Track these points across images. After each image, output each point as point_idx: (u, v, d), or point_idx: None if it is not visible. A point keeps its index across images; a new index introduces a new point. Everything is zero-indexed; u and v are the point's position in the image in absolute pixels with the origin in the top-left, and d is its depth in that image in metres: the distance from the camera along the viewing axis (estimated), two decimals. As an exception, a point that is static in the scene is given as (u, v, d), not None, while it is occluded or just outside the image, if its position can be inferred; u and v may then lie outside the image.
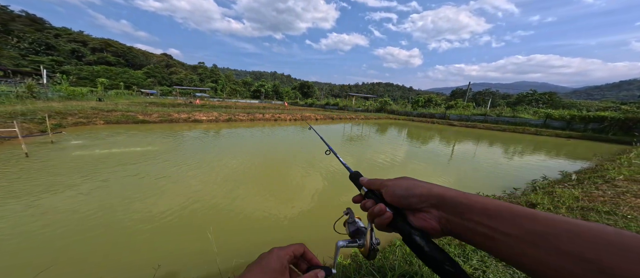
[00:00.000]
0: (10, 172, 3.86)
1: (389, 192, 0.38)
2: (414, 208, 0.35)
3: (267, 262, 0.33)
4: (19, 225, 2.47)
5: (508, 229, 0.25)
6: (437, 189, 0.33)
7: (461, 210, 0.30)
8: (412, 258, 1.73)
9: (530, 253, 0.23)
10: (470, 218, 0.29)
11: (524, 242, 0.24)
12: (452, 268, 0.29)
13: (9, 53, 48.39)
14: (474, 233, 0.28)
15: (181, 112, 12.81)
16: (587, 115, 16.97)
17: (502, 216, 0.26)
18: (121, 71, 56.61)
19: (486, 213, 0.27)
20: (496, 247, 0.26)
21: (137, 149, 5.79)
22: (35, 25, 69.71)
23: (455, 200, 0.31)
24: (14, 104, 9.85)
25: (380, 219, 0.37)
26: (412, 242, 0.33)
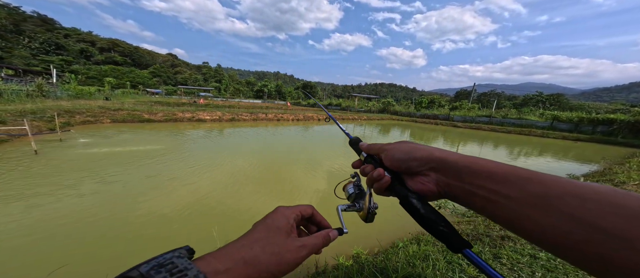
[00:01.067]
0: (20, 170, 3.97)
1: (389, 156, 0.38)
2: (412, 172, 0.35)
3: (272, 220, 0.31)
4: (27, 223, 2.53)
5: (511, 192, 0.24)
6: (438, 153, 0.33)
7: (463, 174, 0.29)
8: (415, 260, 1.72)
9: (532, 216, 0.22)
10: (472, 182, 0.28)
11: (526, 204, 0.23)
12: (445, 229, 0.30)
13: (20, 53, 49.72)
14: (473, 197, 0.28)
15: (185, 112, 12.97)
16: (595, 118, 16.61)
17: (506, 179, 0.25)
18: (128, 71, 57.62)
19: (491, 177, 0.27)
20: (497, 210, 0.26)
21: (141, 148, 5.88)
22: (45, 26, 71.48)
23: (458, 164, 0.30)
24: (24, 103, 10.11)
25: (379, 184, 0.37)
26: (409, 204, 0.33)
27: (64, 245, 2.22)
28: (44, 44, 57.14)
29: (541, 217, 0.22)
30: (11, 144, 5.44)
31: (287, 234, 0.30)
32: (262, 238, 0.28)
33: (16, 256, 2.06)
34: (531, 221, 0.22)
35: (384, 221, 3.03)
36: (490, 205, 0.26)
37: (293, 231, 0.32)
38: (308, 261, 2.12)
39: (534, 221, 0.22)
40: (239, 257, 0.25)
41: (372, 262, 1.85)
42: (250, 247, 0.27)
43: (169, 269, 0.21)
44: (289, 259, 0.28)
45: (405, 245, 2.10)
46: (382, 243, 2.29)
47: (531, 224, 0.22)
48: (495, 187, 0.26)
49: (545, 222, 0.21)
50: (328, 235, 0.34)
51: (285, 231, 0.30)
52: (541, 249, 1.93)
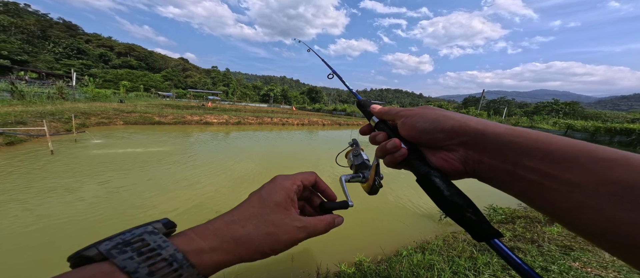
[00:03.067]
0: (35, 169, 4.16)
1: (408, 125, 0.31)
2: (436, 146, 0.29)
3: (269, 192, 0.27)
4: (42, 218, 2.64)
5: (580, 177, 0.19)
6: (475, 124, 0.27)
7: (508, 152, 0.23)
8: (419, 270, 1.68)
9: (608, 209, 0.17)
10: (517, 162, 0.22)
11: (600, 194, 0.18)
12: (474, 216, 0.26)
13: (45, 57, 52.89)
14: (517, 180, 0.23)
15: (194, 115, 13.32)
16: (613, 127, 15.89)
17: (576, 162, 0.20)
18: (142, 74, 60.06)
19: (548, 157, 0.21)
20: (550, 197, 0.20)
21: (151, 150, 6.06)
22: (69, 31, 75.99)
23: (502, 138, 0.24)
24: (45, 104, 10.68)
25: (392, 156, 0.32)
26: (430, 183, 0.28)
27: (68, 244, 2.29)
28: (66, 48, 60.67)
29: (626, 211, 0.17)
30: (30, 143, 5.72)
31: (286, 209, 0.27)
32: (256, 215, 0.25)
33: (28, 253, 2.14)
34: (603, 215, 0.18)
35: (387, 229, 2.97)
36: (540, 191, 0.21)
37: (293, 205, 0.28)
38: (309, 266, 2.10)
39: (607, 215, 0.18)
40: (228, 235, 0.22)
41: (375, 271, 1.81)
42: (242, 224, 0.24)
43: (137, 248, 0.18)
44: (285, 240, 0.25)
45: (410, 254, 2.04)
46: (385, 251, 2.24)
47: (602, 219, 0.18)
48: (554, 170, 0.20)
49: (628, 217, 0.17)
50: (333, 222, 0.31)
51: (283, 206, 0.26)
52: (553, 261, 1.85)
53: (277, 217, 0.25)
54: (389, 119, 0.36)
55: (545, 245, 1.97)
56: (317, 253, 2.30)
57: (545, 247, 1.96)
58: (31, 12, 72.78)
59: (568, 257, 1.75)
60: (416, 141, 0.31)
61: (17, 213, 2.65)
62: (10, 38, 47.11)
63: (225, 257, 0.21)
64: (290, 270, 2.07)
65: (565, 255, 1.80)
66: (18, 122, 6.45)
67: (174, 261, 0.18)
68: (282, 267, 2.09)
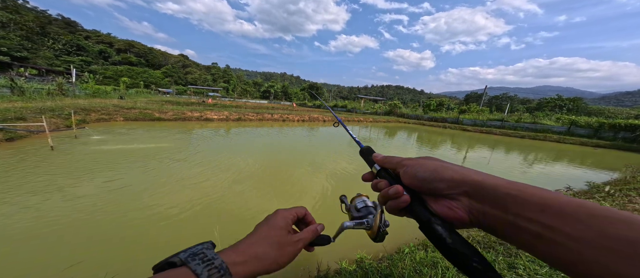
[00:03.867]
0: (34, 164, 4.14)
1: (409, 173, 0.33)
2: (438, 195, 0.30)
3: (274, 221, 0.36)
4: (40, 217, 2.62)
5: (578, 232, 0.20)
6: (474, 175, 0.28)
7: (507, 203, 0.25)
8: (422, 268, 1.64)
9: (609, 263, 0.18)
10: (518, 214, 0.24)
11: (600, 248, 0.19)
12: (480, 266, 0.25)
13: (45, 54, 52.68)
14: (520, 231, 0.24)
15: (194, 111, 13.26)
16: (617, 123, 15.70)
17: (571, 214, 0.21)
18: (142, 71, 59.84)
19: (545, 211, 0.22)
20: (552, 251, 0.21)
21: (151, 146, 6.03)
22: (69, 28, 75.48)
23: (500, 191, 0.25)
24: (45, 101, 10.65)
25: (395, 202, 0.33)
26: (432, 231, 0.28)
27: (71, 243, 2.27)
28: (66, 45, 60.37)
29: (624, 265, 0.18)
30: (30, 140, 5.71)
31: (288, 232, 0.36)
32: (267, 237, 0.33)
33: (30, 251, 2.12)
34: (605, 269, 0.18)
35: (389, 222, 2.93)
36: (542, 243, 0.22)
37: (290, 230, 0.37)
38: (310, 264, 2.07)
39: (609, 269, 0.18)
40: (252, 252, 0.31)
41: (376, 268, 1.77)
42: (259, 244, 0.32)
43: (201, 257, 0.26)
44: (289, 251, 0.34)
45: (412, 251, 2.00)
46: (387, 248, 2.21)
47: (604, 272, 0.19)
48: (553, 222, 0.22)
49: (630, 272, 0.17)
50: (316, 229, 0.39)
51: (285, 230, 0.35)
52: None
53: (283, 237, 0.34)
54: (390, 167, 0.38)
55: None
56: (317, 251, 2.27)
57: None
58: (30, 9, 72.19)
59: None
60: (418, 189, 0.32)
61: (13, 211, 2.63)
62: (10, 34, 46.88)
63: (251, 269, 0.29)
64: (291, 268, 2.04)
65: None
66: (18, 118, 6.43)
67: (221, 268, 0.26)
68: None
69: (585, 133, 16.96)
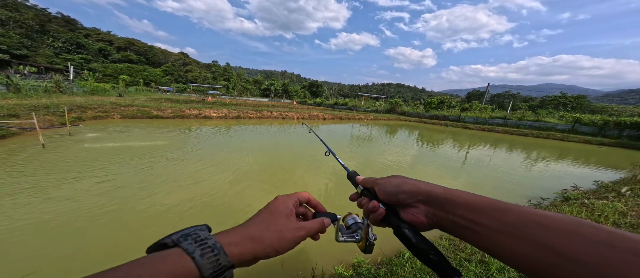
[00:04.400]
0: (22, 162, 4.02)
1: (381, 189, 0.40)
2: (403, 204, 0.37)
3: (274, 206, 0.36)
4: (28, 215, 2.50)
5: (488, 222, 0.27)
6: (424, 186, 0.36)
7: (446, 205, 0.32)
8: (423, 276, 1.50)
9: (507, 244, 0.25)
10: (454, 213, 0.31)
11: (501, 233, 0.25)
12: (435, 257, 0.32)
13: (44, 51, 52.60)
14: (458, 226, 0.30)
15: (192, 109, 13.13)
16: (622, 121, 15.43)
17: (482, 210, 0.28)
18: (141, 69, 59.66)
19: (469, 208, 0.29)
20: (478, 238, 0.28)
21: (147, 143, 5.91)
22: (68, 26, 75.23)
23: (441, 196, 0.33)
24: (41, 98, 10.54)
25: (374, 215, 0.39)
26: (402, 234, 0.35)
27: (58, 244, 2.15)
28: (66, 43, 60.18)
29: (515, 244, 0.24)
30: (23, 136, 5.59)
31: (287, 217, 0.35)
32: (265, 220, 0.33)
33: (14, 252, 2.00)
34: (507, 249, 0.25)
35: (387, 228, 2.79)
36: (471, 234, 0.29)
37: (292, 215, 0.36)
38: (304, 270, 1.94)
39: (509, 249, 0.24)
40: (247, 234, 0.30)
41: (374, 275, 1.64)
42: (255, 226, 0.32)
43: (194, 238, 0.26)
44: (289, 237, 0.33)
45: (412, 257, 1.86)
46: (385, 252, 2.07)
47: (507, 252, 0.25)
48: (474, 217, 0.28)
49: (519, 250, 0.23)
50: (323, 222, 0.39)
51: (285, 214, 0.35)
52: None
53: (281, 221, 0.34)
54: (369, 186, 0.44)
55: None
56: (313, 254, 2.14)
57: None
58: (29, 6, 71.92)
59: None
60: (389, 201, 0.39)
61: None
62: (9, 32, 46.76)
63: (245, 249, 0.28)
64: (284, 272, 1.91)
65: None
66: (10, 115, 6.31)
67: (215, 248, 0.26)
68: (275, 269, 1.93)
69: (590, 131, 16.71)
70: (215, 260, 0.25)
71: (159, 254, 0.24)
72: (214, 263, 0.25)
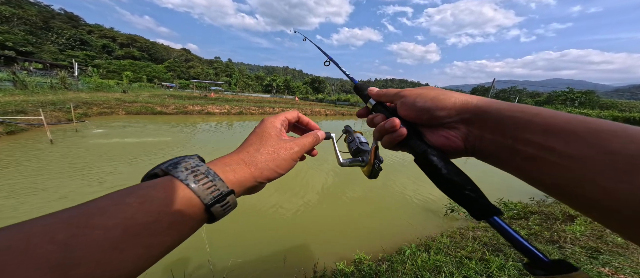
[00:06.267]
0: (33, 158, 4.12)
1: (408, 104, 0.32)
2: (436, 124, 0.30)
3: (261, 128, 0.33)
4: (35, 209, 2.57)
5: (577, 150, 0.19)
6: (476, 100, 0.28)
7: (508, 126, 0.24)
8: (424, 273, 1.51)
9: (605, 181, 0.17)
10: (516, 136, 0.23)
11: (597, 165, 0.18)
12: (473, 193, 0.26)
13: (49, 48, 53.11)
14: (515, 154, 0.23)
15: (195, 105, 13.21)
16: (632, 117, 15.07)
17: (573, 132, 0.20)
18: (145, 65, 59.91)
19: (549, 131, 0.21)
20: (547, 171, 0.21)
21: (151, 140, 5.98)
22: (71, 22, 75.66)
23: (503, 114, 0.25)
24: (47, 94, 10.70)
25: (391, 136, 0.32)
26: (428, 162, 0.28)
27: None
28: (70, 39, 60.60)
29: (619, 182, 0.17)
30: (31, 132, 5.71)
31: (277, 136, 0.32)
32: (255, 143, 0.31)
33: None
34: (598, 186, 0.18)
35: (389, 224, 2.81)
36: (537, 165, 0.21)
37: (282, 134, 0.34)
38: (306, 266, 1.97)
39: (603, 187, 0.18)
40: (239, 159, 0.28)
41: (375, 271, 1.66)
42: (246, 151, 0.30)
43: (184, 166, 0.24)
44: (284, 155, 0.31)
45: (413, 253, 1.88)
46: (386, 248, 2.09)
47: (597, 191, 0.18)
48: (552, 142, 0.21)
49: (624, 188, 0.17)
50: (317, 135, 0.36)
51: (275, 135, 0.32)
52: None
53: (273, 141, 0.31)
54: (387, 100, 0.36)
55: (568, 247, 1.77)
56: (315, 250, 2.17)
57: (568, 248, 1.76)
58: (33, 3, 72.31)
59: (596, 262, 1.55)
60: (416, 120, 0.31)
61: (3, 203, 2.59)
62: (14, 29, 47.20)
63: (242, 174, 0.27)
64: (286, 267, 1.95)
65: (592, 258, 1.59)
66: (18, 111, 6.44)
67: (209, 174, 0.24)
68: (278, 265, 1.97)
69: (597, 127, 16.37)
70: (213, 186, 0.23)
71: (149, 182, 0.22)
72: (212, 189, 0.23)
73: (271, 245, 2.20)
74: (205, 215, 0.23)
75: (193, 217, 0.22)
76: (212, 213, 0.23)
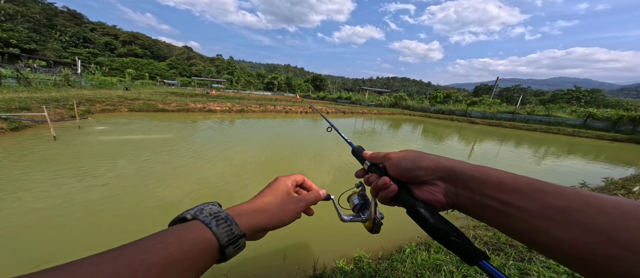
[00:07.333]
0: (39, 155, 4.16)
1: (394, 165, 0.37)
2: (419, 182, 0.34)
3: (275, 185, 0.38)
4: (40, 207, 2.60)
5: (525, 204, 0.23)
6: (446, 162, 0.32)
7: (472, 184, 0.28)
8: (424, 271, 1.51)
9: (547, 229, 0.21)
10: (481, 192, 0.27)
11: (542, 217, 0.22)
12: (458, 239, 0.28)
13: (53, 45, 53.43)
14: (484, 208, 0.27)
15: (197, 102, 13.24)
16: (637, 116, 14.81)
17: (520, 190, 0.24)
18: (147, 63, 60.10)
19: (501, 188, 0.26)
20: (509, 223, 0.25)
21: (153, 137, 6.02)
22: (74, 20, 75.97)
23: (466, 174, 0.29)
24: (50, 91, 10.79)
25: (384, 192, 0.37)
26: (417, 213, 0.32)
27: (67, 230, 2.24)
28: (73, 37, 60.90)
29: (559, 230, 0.21)
30: (35, 129, 5.77)
31: (287, 193, 0.38)
32: (268, 195, 0.36)
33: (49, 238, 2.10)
34: (547, 235, 0.21)
35: (388, 220, 2.80)
36: (501, 217, 0.25)
37: (291, 193, 0.40)
38: (306, 264, 1.98)
39: (550, 235, 0.21)
40: (255, 207, 0.33)
41: (374, 269, 1.66)
42: (261, 201, 0.35)
43: (208, 211, 0.29)
44: (291, 208, 0.36)
45: (413, 251, 1.88)
46: (386, 247, 2.09)
47: (547, 238, 0.21)
48: (507, 198, 0.25)
49: (564, 236, 0.20)
50: (318, 193, 0.42)
51: (286, 191, 0.38)
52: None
53: (284, 196, 0.37)
54: (378, 161, 0.42)
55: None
56: (315, 248, 2.18)
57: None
58: (36, 1, 72.59)
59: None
60: (402, 178, 0.36)
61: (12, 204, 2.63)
62: (18, 27, 47.51)
63: (254, 221, 0.31)
64: (286, 265, 1.96)
65: None
66: (22, 108, 6.50)
67: (227, 219, 0.28)
68: (277, 263, 1.98)
69: (602, 126, 16.13)
70: (229, 230, 0.27)
71: (182, 225, 0.27)
72: (229, 232, 0.27)
73: (271, 243, 2.21)
74: (219, 255, 0.27)
75: (210, 255, 0.26)
76: (225, 254, 0.27)
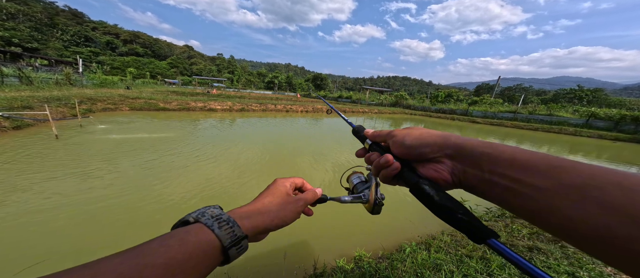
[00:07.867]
0: (42, 153, 4.18)
1: (398, 142, 0.35)
2: (424, 159, 0.33)
3: (274, 187, 0.39)
4: (41, 207, 2.62)
5: (540, 182, 0.22)
6: (454, 138, 0.31)
7: (482, 161, 0.27)
8: (424, 271, 1.51)
9: (564, 208, 0.20)
10: (491, 170, 0.26)
11: (557, 196, 0.21)
12: (465, 216, 0.27)
13: (54, 44, 53.59)
14: (493, 186, 0.26)
15: (198, 101, 13.26)
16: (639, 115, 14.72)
17: (535, 167, 0.23)
18: (148, 61, 60.18)
19: (514, 165, 0.24)
20: (520, 201, 0.23)
21: (154, 136, 6.04)
22: (76, 19, 76.12)
23: (477, 150, 0.28)
24: (52, 90, 10.83)
25: (386, 171, 0.35)
26: (421, 191, 0.30)
27: (65, 230, 2.26)
28: (74, 36, 61.05)
29: (575, 210, 0.19)
30: (36, 128, 5.80)
31: (287, 194, 0.39)
32: (269, 195, 0.37)
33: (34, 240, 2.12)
34: (561, 214, 0.20)
35: (389, 220, 2.81)
36: (511, 195, 0.24)
37: (290, 195, 0.40)
38: (306, 263, 1.98)
39: (564, 214, 0.20)
40: (255, 209, 0.34)
41: (374, 268, 1.66)
42: (261, 203, 0.35)
43: (210, 214, 0.29)
44: (291, 208, 0.36)
45: (414, 251, 1.87)
46: (386, 246, 2.09)
47: (560, 218, 0.20)
48: (519, 175, 0.23)
49: (580, 215, 0.19)
50: (315, 192, 0.42)
51: (285, 192, 0.39)
52: (581, 265, 1.64)
53: (283, 196, 0.38)
54: (380, 140, 0.41)
55: (570, 247, 1.75)
56: (315, 247, 2.18)
57: (570, 248, 1.74)
58: (38, 0, 72.77)
59: (598, 261, 1.52)
60: (406, 156, 0.35)
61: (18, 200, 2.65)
62: (20, 26, 47.67)
63: (255, 221, 0.31)
64: (287, 264, 1.96)
65: (594, 259, 1.57)
66: (24, 107, 6.54)
67: (229, 221, 0.29)
68: (278, 262, 1.99)
69: (605, 126, 16.03)
70: (232, 232, 0.28)
71: (184, 228, 0.27)
72: (231, 234, 0.27)
73: (272, 242, 2.22)
74: (222, 257, 0.27)
75: (214, 257, 0.26)
76: (228, 255, 0.27)
